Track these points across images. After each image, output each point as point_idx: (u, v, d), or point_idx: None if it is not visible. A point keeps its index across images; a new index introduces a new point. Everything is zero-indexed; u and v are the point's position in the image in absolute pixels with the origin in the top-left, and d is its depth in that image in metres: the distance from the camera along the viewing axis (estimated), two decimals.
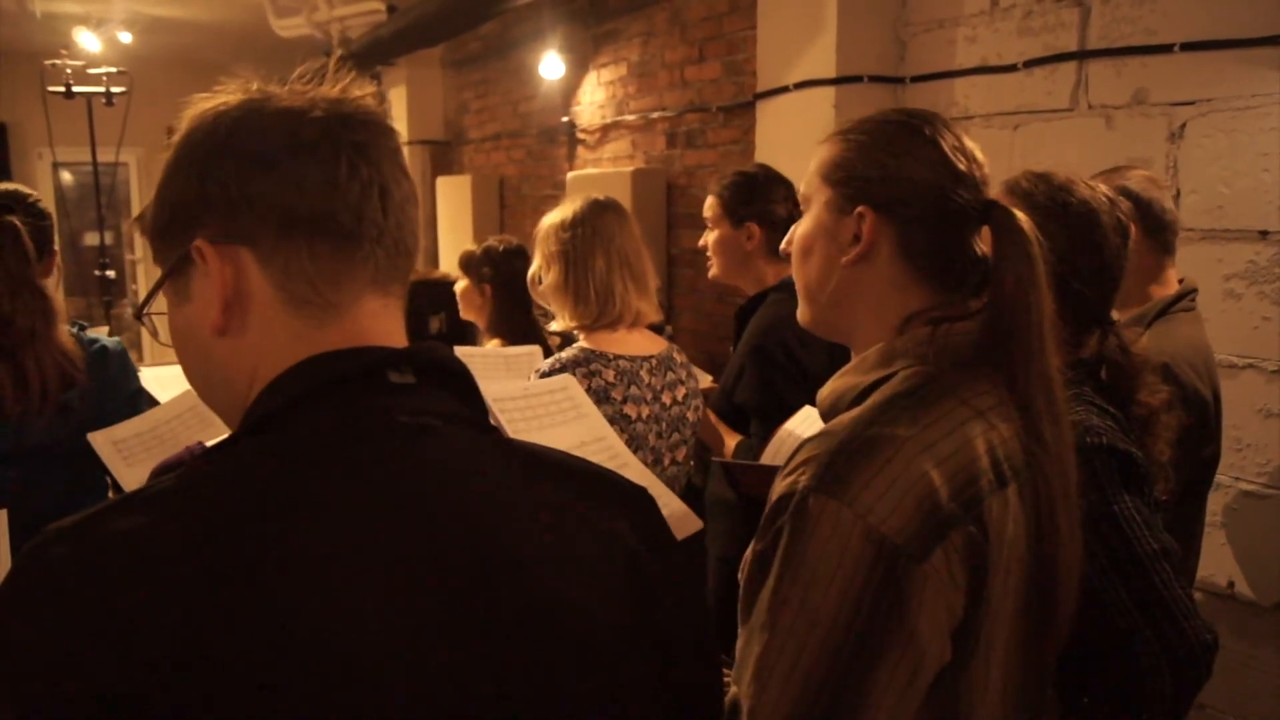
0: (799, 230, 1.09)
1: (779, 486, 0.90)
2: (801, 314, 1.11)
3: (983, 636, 0.91)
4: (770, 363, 2.20)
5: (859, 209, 1.01)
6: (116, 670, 0.53)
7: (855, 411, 0.94)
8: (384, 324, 0.73)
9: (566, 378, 1.78)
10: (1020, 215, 0.98)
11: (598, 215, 2.03)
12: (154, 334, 0.80)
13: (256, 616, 0.56)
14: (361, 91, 0.75)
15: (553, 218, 2.07)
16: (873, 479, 0.85)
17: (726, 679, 1.02)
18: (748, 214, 2.40)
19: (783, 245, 1.12)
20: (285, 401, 0.67)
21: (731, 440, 2.32)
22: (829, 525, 0.84)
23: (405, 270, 0.75)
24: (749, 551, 0.93)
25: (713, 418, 2.35)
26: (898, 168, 1.00)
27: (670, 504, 1.52)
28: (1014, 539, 0.92)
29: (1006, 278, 0.96)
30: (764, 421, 2.22)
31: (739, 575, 0.94)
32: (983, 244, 1.01)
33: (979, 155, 1.03)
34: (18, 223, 1.78)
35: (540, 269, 2.09)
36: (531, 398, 1.73)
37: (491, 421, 0.77)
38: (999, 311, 0.96)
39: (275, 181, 0.69)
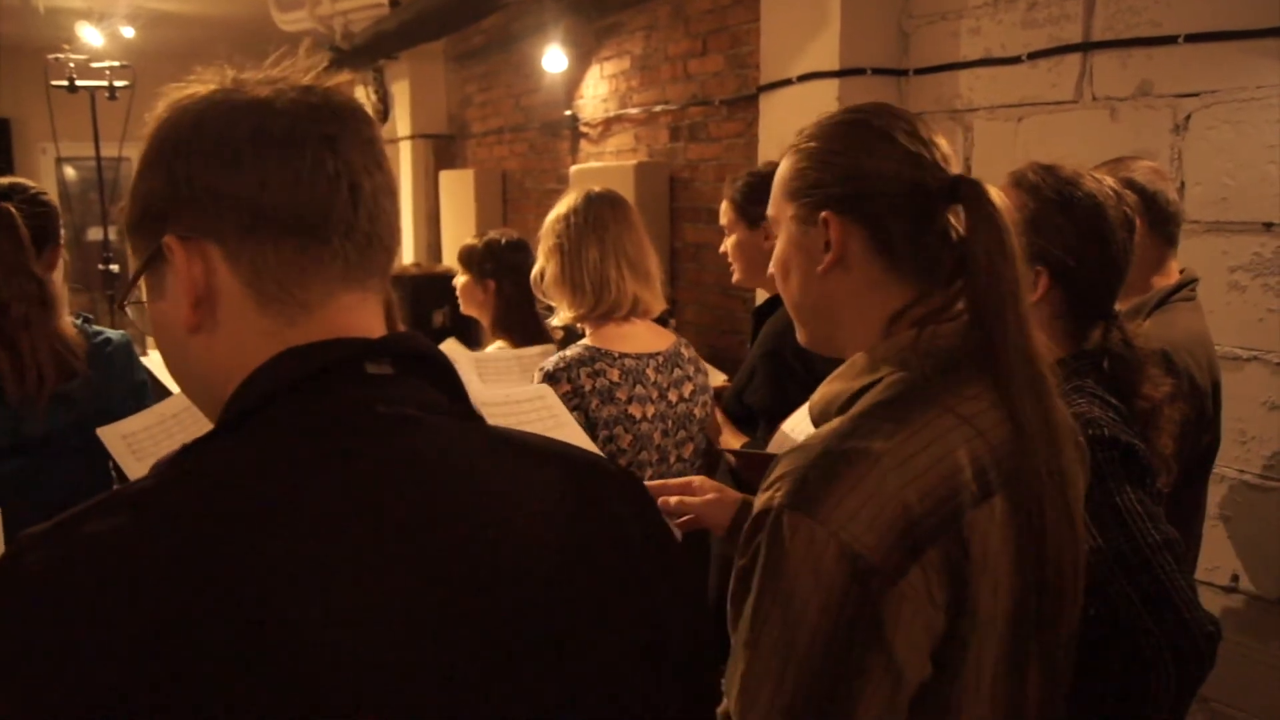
0: (775, 253, 1.08)
1: (758, 501, 0.90)
2: (799, 335, 1.10)
3: (970, 652, 0.89)
4: (783, 367, 2.20)
5: (823, 215, 1.00)
6: (96, 680, 0.52)
7: (834, 423, 0.93)
8: (360, 318, 0.72)
9: (543, 387, 1.77)
10: (992, 189, 0.96)
11: (591, 206, 2.03)
12: (134, 323, 0.79)
13: (239, 620, 0.55)
14: (333, 80, 0.73)
15: (552, 214, 2.08)
16: (846, 496, 0.84)
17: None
18: (763, 213, 2.38)
19: (769, 270, 1.11)
20: (261, 396, 0.66)
21: (737, 442, 2.32)
22: (803, 544, 0.83)
23: (383, 264, 0.74)
24: (735, 564, 0.92)
25: (720, 418, 2.35)
26: (853, 166, 0.99)
27: None
28: (1000, 551, 0.90)
29: (978, 252, 0.94)
30: (771, 425, 2.22)
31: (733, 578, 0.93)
32: (958, 224, 0.99)
33: (937, 137, 1.01)
34: (11, 209, 1.78)
35: (542, 265, 2.09)
36: (513, 404, 1.73)
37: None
38: (973, 287, 0.95)
39: (239, 177, 0.67)
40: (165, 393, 2.05)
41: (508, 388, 1.81)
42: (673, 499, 1.43)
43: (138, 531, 0.57)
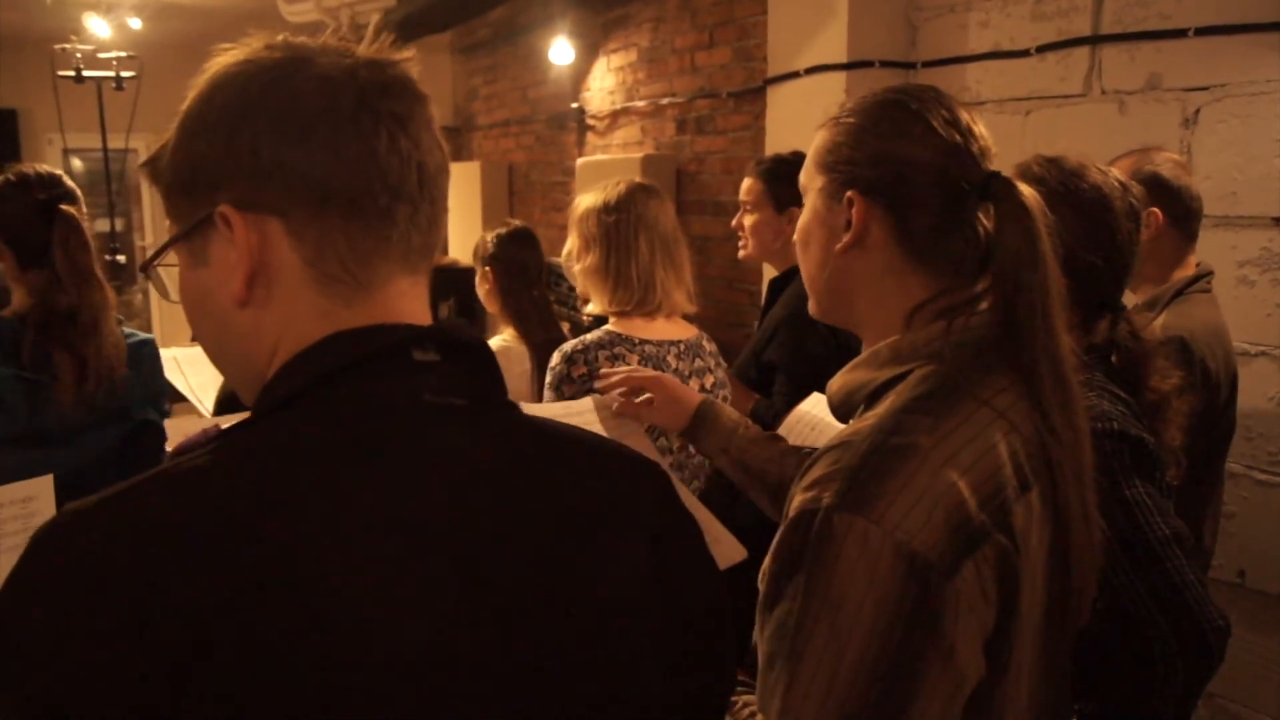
0: (800, 221, 1.06)
1: (797, 501, 0.85)
2: (810, 306, 1.08)
3: (1015, 649, 0.87)
4: (807, 326, 2.22)
5: (848, 194, 0.98)
6: (137, 661, 0.52)
7: (872, 420, 0.89)
8: (411, 303, 0.71)
9: (587, 401, 1.74)
10: (1023, 188, 0.93)
11: (642, 200, 2.00)
12: (162, 291, 0.76)
13: (284, 604, 0.55)
14: (400, 56, 0.71)
15: (592, 199, 2.03)
16: (899, 493, 0.81)
17: (742, 677, 1.01)
18: (792, 199, 2.43)
19: (794, 237, 1.10)
20: (310, 380, 0.65)
21: (749, 401, 2.33)
22: (856, 544, 0.79)
23: (435, 247, 0.73)
24: (765, 565, 0.88)
25: (731, 379, 2.35)
26: (887, 148, 0.96)
27: (713, 530, 1.46)
28: (1038, 545, 0.88)
29: (1008, 254, 0.92)
30: (790, 379, 2.26)
31: (759, 583, 0.90)
32: (987, 221, 0.96)
33: (977, 128, 0.98)
34: (75, 212, 1.76)
35: (577, 250, 2.04)
36: (562, 415, 1.70)
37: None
38: (1001, 290, 0.93)
39: (311, 152, 0.65)
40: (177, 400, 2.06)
41: (549, 405, 1.78)
42: (620, 400, 1.50)
43: (182, 512, 0.57)
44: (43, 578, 0.55)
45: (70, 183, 1.83)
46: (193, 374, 2.32)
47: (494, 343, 2.61)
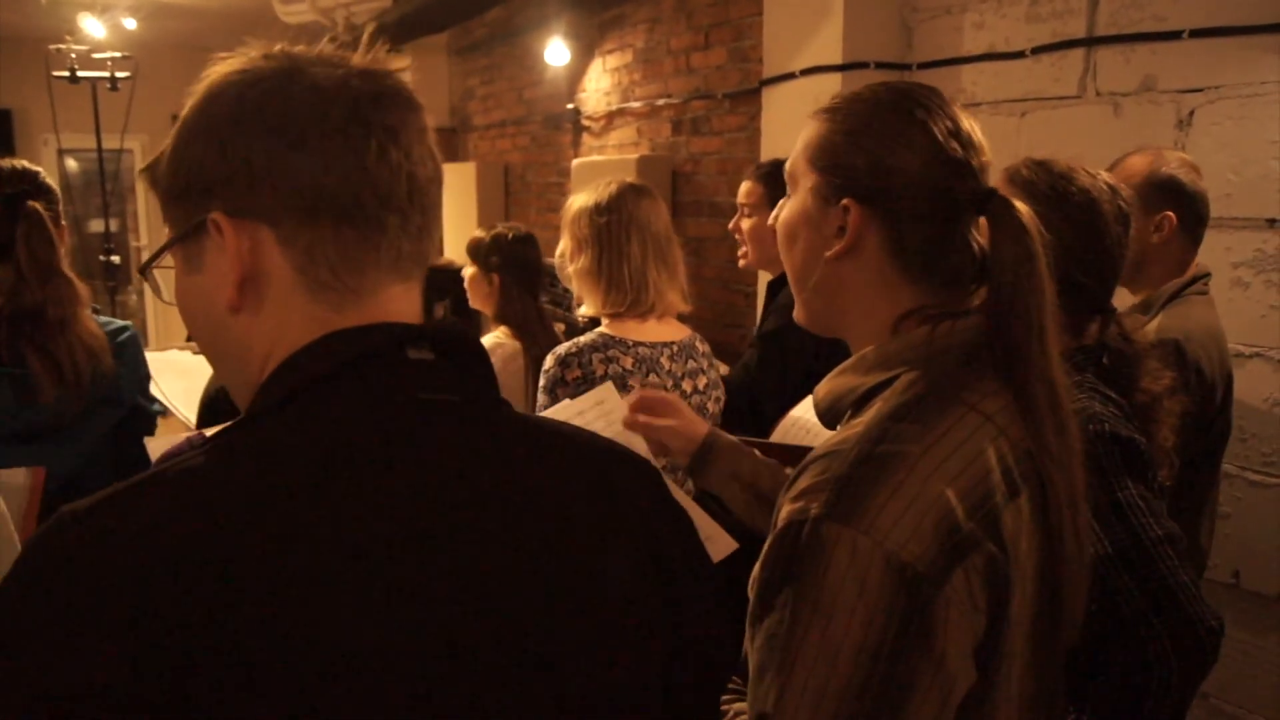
0: (784, 212, 1.02)
1: (785, 511, 0.85)
2: (796, 313, 1.06)
3: (1006, 653, 0.87)
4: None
5: (844, 201, 0.95)
6: (136, 660, 0.52)
7: (859, 428, 0.88)
8: (404, 306, 0.72)
9: (605, 389, 1.71)
10: (1020, 206, 0.92)
11: (633, 200, 1.99)
12: (156, 291, 0.77)
13: (279, 603, 0.55)
14: (394, 66, 0.72)
15: (584, 200, 2.02)
16: (888, 503, 0.80)
17: (734, 684, 1.01)
18: None
19: (769, 220, 1.06)
20: (304, 380, 0.66)
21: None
22: (846, 554, 0.79)
23: (427, 255, 0.74)
24: (755, 574, 0.88)
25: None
26: (886, 157, 0.93)
27: (705, 526, 1.46)
28: (1027, 550, 0.88)
29: (1004, 274, 0.90)
30: (765, 348, 2.30)
31: (749, 592, 0.89)
32: (980, 235, 0.95)
33: (977, 139, 0.96)
34: (40, 209, 1.76)
35: (570, 251, 2.04)
36: (580, 415, 1.69)
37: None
38: (996, 310, 0.91)
39: (303, 162, 0.66)
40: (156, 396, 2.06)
41: (568, 402, 1.77)
42: (640, 418, 1.38)
43: (177, 512, 0.57)
44: (40, 578, 0.55)
45: (47, 180, 1.82)
46: (167, 383, 2.30)
47: (486, 340, 2.61)
